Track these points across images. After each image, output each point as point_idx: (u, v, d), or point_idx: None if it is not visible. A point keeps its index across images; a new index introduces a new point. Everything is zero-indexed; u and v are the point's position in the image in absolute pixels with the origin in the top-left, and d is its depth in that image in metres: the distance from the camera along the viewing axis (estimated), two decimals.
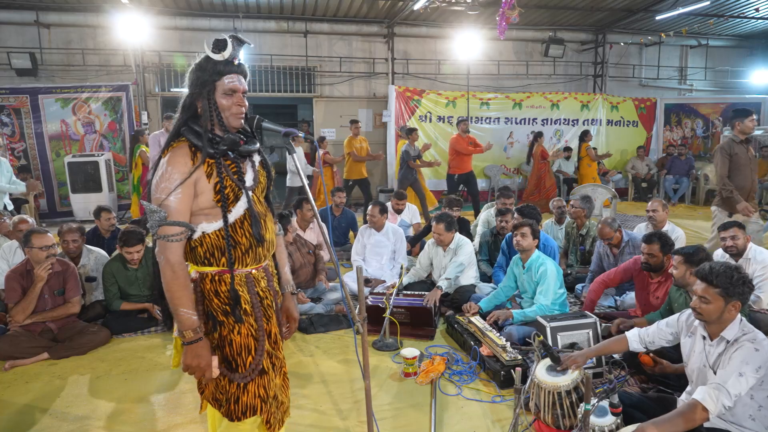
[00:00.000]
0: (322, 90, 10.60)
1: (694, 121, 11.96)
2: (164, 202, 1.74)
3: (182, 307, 1.75)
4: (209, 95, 1.80)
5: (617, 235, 4.69)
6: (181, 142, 1.81)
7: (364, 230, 5.38)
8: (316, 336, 4.21)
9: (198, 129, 1.80)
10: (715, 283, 2.30)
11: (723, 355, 2.31)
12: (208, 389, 1.97)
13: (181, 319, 1.76)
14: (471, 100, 10.54)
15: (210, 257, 1.85)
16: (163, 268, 1.76)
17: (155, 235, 1.76)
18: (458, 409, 3.08)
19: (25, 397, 3.29)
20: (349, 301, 2.06)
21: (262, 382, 1.95)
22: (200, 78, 1.80)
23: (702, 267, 2.40)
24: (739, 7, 10.04)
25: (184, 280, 1.77)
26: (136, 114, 9.28)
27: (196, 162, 1.78)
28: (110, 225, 5.29)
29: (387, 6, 9.51)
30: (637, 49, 12.09)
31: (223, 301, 1.86)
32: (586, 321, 3.34)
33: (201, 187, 1.79)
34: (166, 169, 1.76)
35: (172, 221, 1.74)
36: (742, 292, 2.30)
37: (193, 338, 1.77)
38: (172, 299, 1.76)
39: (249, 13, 9.75)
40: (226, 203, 1.82)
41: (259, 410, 1.94)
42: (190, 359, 1.78)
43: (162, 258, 1.75)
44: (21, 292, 3.81)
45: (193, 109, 1.84)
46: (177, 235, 1.75)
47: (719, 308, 2.31)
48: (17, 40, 9.01)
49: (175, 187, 1.74)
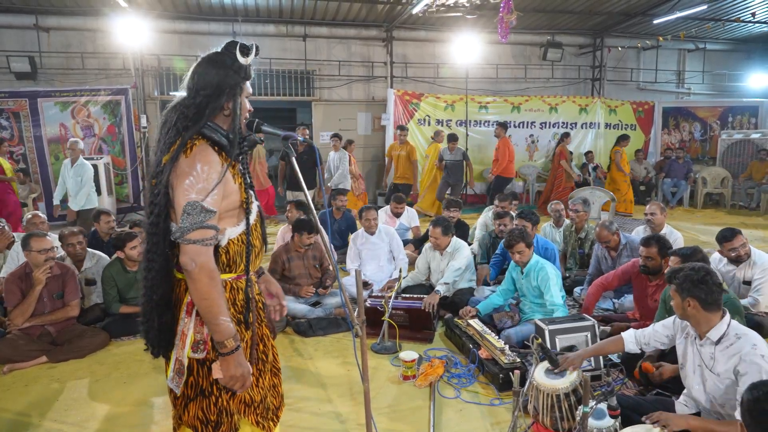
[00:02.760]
0: (321, 93, 10.62)
1: (692, 125, 12.00)
2: (203, 204, 1.63)
3: (222, 315, 1.66)
4: (240, 97, 1.79)
5: (615, 238, 4.70)
6: (200, 141, 1.71)
7: (357, 236, 5.37)
8: (315, 339, 4.21)
9: (222, 130, 1.75)
10: (671, 278, 2.48)
11: (714, 354, 2.37)
12: (189, 414, 1.85)
13: (222, 329, 1.66)
14: (469, 104, 10.56)
15: (232, 264, 1.79)
16: (197, 275, 1.63)
17: (184, 239, 1.63)
18: (457, 412, 3.08)
19: (23, 401, 3.29)
20: (348, 304, 2.07)
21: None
22: (232, 79, 1.74)
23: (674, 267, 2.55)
24: (737, 11, 10.09)
25: (221, 286, 1.69)
26: (135, 117, 9.29)
27: (223, 162, 1.73)
28: (109, 228, 5.29)
29: (386, 10, 9.54)
30: (635, 53, 12.13)
31: (238, 309, 1.82)
32: (584, 324, 3.35)
33: (229, 188, 1.73)
34: (201, 168, 1.64)
35: (209, 224, 1.64)
36: (697, 291, 2.35)
37: (235, 346, 1.68)
38: (211, 308, 1.65)
39: (248, 17, 9.77)
40: (248, 204, 1.81)
41: (243, 412, 1.90)
42: (234, 369, 1.69)
43: (194, 264, 1.62)
44: (20, 295, 3.81)
45: (218, 109, 1.75)
46: (212, 239, 1.66)
47: (678, 305, 2.44)
48: (16, 44, 9.02)
49: (213, 187, 1.65)
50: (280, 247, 4.85)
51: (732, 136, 11.15)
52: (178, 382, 1.81)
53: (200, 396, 1.83)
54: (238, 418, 1.89)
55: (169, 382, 1.84)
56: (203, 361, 1.79)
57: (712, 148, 11.93)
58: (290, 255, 4.73)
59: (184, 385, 1.82)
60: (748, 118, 12.08)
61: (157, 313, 1.79)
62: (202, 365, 1.80)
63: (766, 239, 7.34)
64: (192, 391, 1.83)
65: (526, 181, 10.96)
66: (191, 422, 1.85)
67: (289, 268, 4.70)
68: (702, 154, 11.91)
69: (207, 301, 1.65)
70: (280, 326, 4.31)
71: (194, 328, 1.77)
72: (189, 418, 1.86)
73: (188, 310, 1.78)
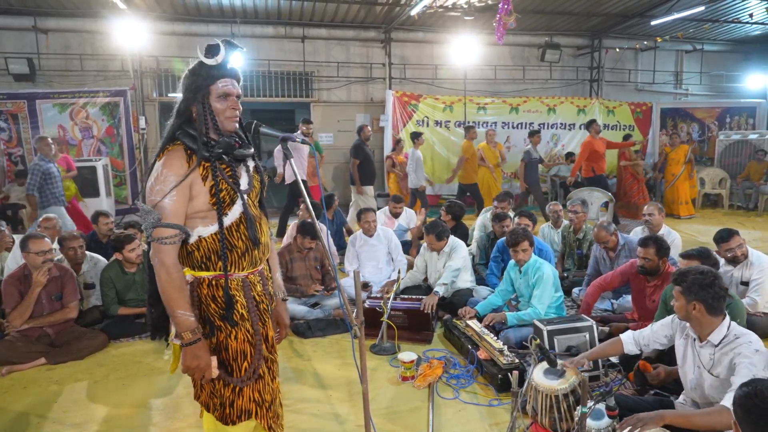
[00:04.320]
0: (319, 95, 10.62)
1: (690, 126, 12.02)
2: (159, 204, 1.75)
3: (179, 309, 1.76)
4: (204, 99, 1.82)
5: (613, 239, 4.70)
6: (176, 145, 1.81)
7: (355, 239, 5.37)
8: (313, 340, 4.21)
9: (193, 133, 1.81)
10: (677, 280, 2.46)
11: (714, 356, 2.37)
12: (204, 393, 1.96)
13: (178, 321, 1.77)
14: (468, 105, 10.57)
15: (207, 261, 1.85)
16: (157, 270, 1.77)
17: (149, 237, 1.76)
18: (456, 413, 3.08)
19: (22, 403, 3.28)
20: (347, 304, 2.07)
21: (257, 387, 1.95)
22: (194, 83, 1.81)
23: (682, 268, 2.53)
24: (734, 12, 10.11)
25: (179, 282, 1.78)
26: (134, 119, 9.29)
27: (191, 165, 1.79)
28: (108, 230, 5.29)
29: (384, 11, 9.55)
30: (632, 54, 12.16)
31: (219, 306, 1.87)
32: (583, 324, 3.35)
33: (196, 190, 1.80)
34: (161, 172, 1.76)
35: (167, 223, 1.75)
36: (704, 294, 2.35)
37: (191, 339, 1.77)
38: (169, 302, 1.76)
39: (247, 19, 9.77)
40: (222, 206, 1.83)
41: (254, 414, 1.94)
42: (190, 360, 1.78)
43: (156, 260, 1.76)
44: (18, 297, 3.81)
45: (187, 113, 1.85)
46: (171, 238, 1.76)
47: (682, 307, 2.43)
48: (15, 46, 9.01)
49: (169, 190, 1.75)
50: (284, 247, 4.86)
51: (730, 136, 11.18)
52: None
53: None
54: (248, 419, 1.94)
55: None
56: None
57: (710, 149, 11.96)
58: (293, 256, 4.74)
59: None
60: (746, 119, 12.11)
61: (155, 305, 1.90)
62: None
63: (763, 239, 7.35)
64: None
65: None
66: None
67: (291, 268, 4.71)
68: (700, 155, 11.93)
69: (165, 295, 1.77)
70: None
71: None
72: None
73: None
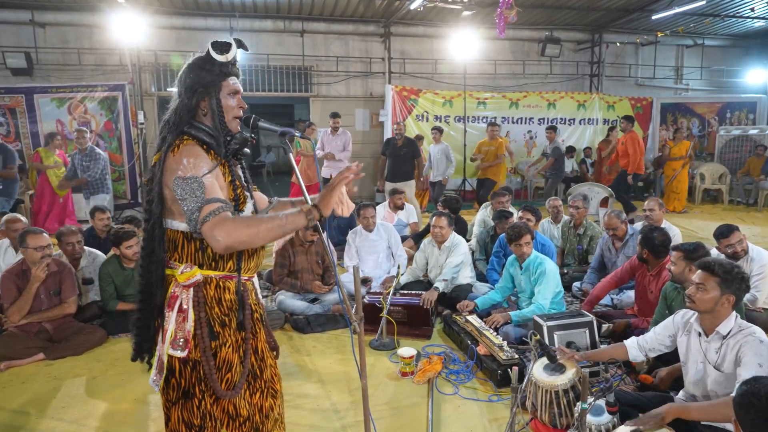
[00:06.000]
0: (318, 89, 10.58)
1: (690, 121, 12.00)
2: (199, 181, 1.63)
3: (281, 222, 1.63)
4: (216, 94, 1.78)
5: (623, 228, 4.80)
6: (188, 140, 1.73)
7: (355, 234, 5.35)
8: (313, 336, 4.20)
9: (205, 128, 1.76)
10: (716, 271, 2.35)
11: (721, 350, 2.35)
12: (172, 419, 1.83)
13: (296, 222, 1.65)
14: (468, 100, 10.54)
15: (218, 260, 1.78)
16: (235, 239, 1.59)
17: (197, 221, 1.61)
18: (455, 409, 3.08)
19: (20, 398, 3.28)
20: (346, 300, 2.06)
21: (233, 399, 1.86)
22: (204, 78, 1.75)
23: (705, 258, 2.46)
24: (735, 6, 10.08)
25: (254, 219, 1.66)
26: (132, 113, 9.25)
27: (212, 159, 1.74)
28: (105, 225, 5.27)
29: (384, 5, 9.50)
30: (633, 49, 12.12)
31: (223, 310, 1.80)
32: (583, 320, 3.35)
33: (220, 183, 1.73)
34: (188, 161, 1.66)
35: (213, 198, 1.63)
36: (738, 288, 2.34)
37: (308, 210, 1.66)
38: (272, 231, 1.63)
39: (245, 13, 9.73)
40: (239, 203, 1.80)
41: (225, 425, 1.86)
42: (329, 206, 1.69)
43: (221, 234, 1.58)
44: (17, 292, 3.79)
45: (195, 109, 1.77)
46: (220, 208, 1.61)
47: (714, 298, 2.34)
48: (12, 40, 8.97)
49: (205, 173, 1.65)
50: (287, 241, 4.84)
51: (730, 132, 11.16)
52: (157, 379, 1.80)
53: (182, 399, 1.81)
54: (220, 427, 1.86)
55: (151, 382, 1.82)
56: (186, 360, 1.76)
57: (710, 144, 11.94)
58: (295, 249, 4.72)
59: (165, 384, 1.80)
60: (746, 114, 12.09)
61: (153, 317, 1.81)
62: (185, 365, 1.77)
63: (763, 235, 7.35)
64: (174, 393, 1.81)
65: (524, 177, 10.95)
66: (174, 427, 1.83)
67: (294, 262, 4.70)
68: (700, 150, 11.92)
69: (270, 233, 1.63)
70: (278, 323, 4.31)
71: (175, 323, 1.75)
72: (173, 424, 1.84)
73: (170, 304, 1.76)
